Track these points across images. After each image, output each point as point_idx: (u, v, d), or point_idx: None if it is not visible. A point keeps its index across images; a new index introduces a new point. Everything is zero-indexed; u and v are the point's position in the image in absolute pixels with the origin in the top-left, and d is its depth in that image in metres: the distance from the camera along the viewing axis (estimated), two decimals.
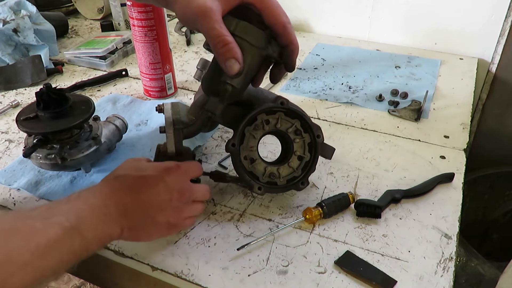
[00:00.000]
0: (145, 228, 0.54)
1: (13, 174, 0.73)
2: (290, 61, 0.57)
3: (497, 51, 1.09)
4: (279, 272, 0.56)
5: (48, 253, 0.43)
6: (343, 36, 1.25)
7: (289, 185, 0.63)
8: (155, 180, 0.54)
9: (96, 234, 0.48)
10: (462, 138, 0.82)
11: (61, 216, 0.46)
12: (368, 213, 0.63)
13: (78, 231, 0.46)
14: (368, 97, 0.95)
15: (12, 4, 1.10)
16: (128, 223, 0.52)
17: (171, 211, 0.55)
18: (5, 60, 1.04)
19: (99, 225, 0.49)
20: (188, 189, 0.57)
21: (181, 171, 0.57)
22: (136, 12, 0.83)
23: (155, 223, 0.54)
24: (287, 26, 0.54)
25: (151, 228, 0.55)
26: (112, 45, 1.09)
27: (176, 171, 0.56)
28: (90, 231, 0.47)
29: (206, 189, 0.60)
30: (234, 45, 0.50)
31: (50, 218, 0.46)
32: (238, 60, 0.50)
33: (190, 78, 1.03)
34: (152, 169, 0.56)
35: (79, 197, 0.50)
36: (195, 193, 0.58)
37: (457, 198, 0.68)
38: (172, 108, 0.65)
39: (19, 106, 0.93)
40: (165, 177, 0.54)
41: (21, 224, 0.44)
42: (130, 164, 0.58)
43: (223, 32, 0.50)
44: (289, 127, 0.63)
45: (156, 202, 0.53)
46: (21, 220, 0.45)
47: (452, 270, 0.56)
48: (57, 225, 0.45)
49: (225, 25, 0.50)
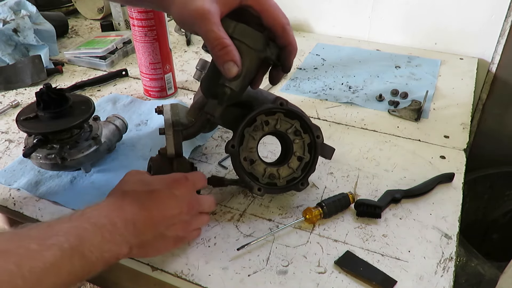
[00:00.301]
0: (154, 244, 0.53)
1: (13, 174, 0.73)
2: (287, 62, 0.57)
3: (497, 51, 1.09)
4: (279, 272, 0.56)
5: (44, 277, 0.41)
6: (343, 36, 1.25)
7: (289, 186, 0.63)
8: (165, 195, 0.53)
9: (100, 255, 0.46)
10: (462, 138, 0.82)
11: (60, 237, 0.43)
12: (368, 213, 0.63)
13: (79, 252, 0.44)
14: (368, 97, 0.95)
15: (12, 4, 1.10)
16: (137, 241, 0.50)
17: (179, 225, 0.54)
18: (5, 60, 1.04)
19: (104, 244, 0.46)
20: (196, 201, 0.56)
21: (189, 184, 0.56)
22: (136, 12, 0.83)
23: (165, 238, 0.53)
24: (286, 27, 0.54)
25: (160, 244, 0.54)
26: (112, 45, 1.09)
27: (185, 184, 0.55)
28: (93, 252, 0.45)
29: (212, 200, 0.60)
30: (233, 47, 0.50)
31: (48, 239, 0.43)
32: (236, 63, 0.50)
33: (190, 78, 1.03)
34: (160, 182, 0.55)
35: (82, 215, 0.48)
36: (202, 205, 0.57)
37: (457, 198, 0.68)
38: (171, 110, 0.65)
39: (19, 106, 0.93)
40: (174, 191, 0.54)
41: (15, 246, 0.41)
42: (135, 177, 0.56)
43: (221, 35, 0.49)
44: (288, 128, 0.63)
45: (167, 217, 0.52)
46: (16, 242, 0.42)
47: (452, 270, 0.56)
48: (55, 246, 0.42)
49: (223, 27, 0.50)
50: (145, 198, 0.52)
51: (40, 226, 0.46)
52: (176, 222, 0.53)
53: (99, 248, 0.46)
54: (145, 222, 0.51)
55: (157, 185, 0.54)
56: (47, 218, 0.64)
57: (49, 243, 0.42)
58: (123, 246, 0.48)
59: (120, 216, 0.49)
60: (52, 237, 0.43)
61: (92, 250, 0.45)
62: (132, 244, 0.49)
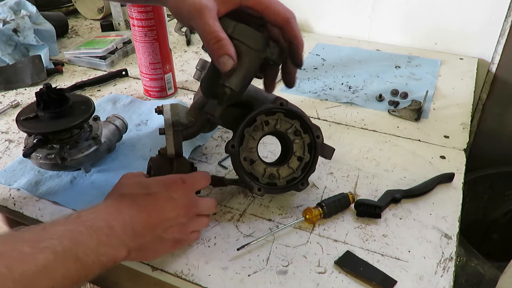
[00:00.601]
0: (152, 247, 0.53)
1: (13, 174, 0.73)
2: (297, 56, 0.56)
3: (497, 51, 1.09)
4: (279, 272, 0.56)
5: (36, 280, 0.40)
6: (343, 36, 1.25)
7: (289, 186, 0.63)
8: (162, 198, 0.53)
9: (97, 258, 0.45)
10: (462, 138, 0.82)
11: (54, 240, 0.43)
12: (368, 213, 0.63)
13: (74, 255, 0.43)
14: (368, 97, 0.95)
15: (12, 4, 1.10)
16: (136, 244, 0.50)
17: (177, 227, 0.54)
18: (5, 60, 1.04)
19: (101, 248, 0.46)
20: (194, 203, 0.56)
21: (187, 186, 0.56)
22: (136, 12, 0.83)
23: (162, 241, 0.53)
24: (291, 21, 0.53)
25: (158, 247, 0.54)
26: (112, 45, 1.09)
27: (182, 186, 0.55)
28: (89, 255, 0.44)
29: (211, 203, 0.59)
30: (227, 41, 0.49)
31: (42, 242, 0.42)
32: (231, 57, 0.49)
33: (190, 78, 1.03)
34: (157, 185, 0.55)
35: (78, 218, 0.47)
36: (200, 207, 0.57)
37: (457, 198, 0.68)
38: (171, 110, 0.65)
39: (19, 106, 0.93)
40: (172, 194, 0.54)
41: (8, 249, 0.41)
42: (131, 180, 0.56)
43: (216, 29, 0.49)
44: (288, 128, 0.63)
45: (164, 220, 0.52)
46: (9, 244, 0.41)
47: (452, 270, 0.56)
48: (48, 249, 0.42)
49: (223, 27, 0.50)
50: (142, 201, 0.52)
51: (34, 229, 0.45)
52: (173, 224, 0.53)
53: (95, 251, 0.45)
54: (143, 225, 0.50)
55: (154, 187, 0.54)
56: (47, 218, 0.64)
57: (42, 246, 0.42)
58: (121, 249, 0.48)
59: (118, 219, 0.49)
60: (45, 240, 0.43)
61: (88, 253, 0.44)
62: (130, 247, 0.49)
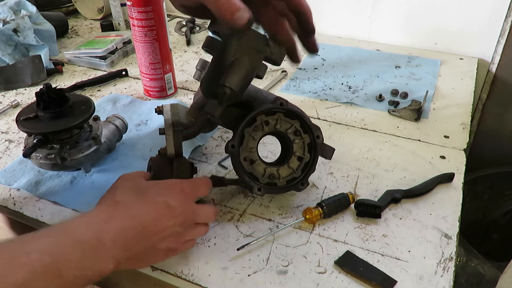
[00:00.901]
0: (144, 258, 0.52)
1: (13, 174, 0.73)
2: (307, 23, 0.52)
3: (497, 51, 1.09)
4: (279, 272, 0.56)
5: None
6: (343, 36, 1.25)
7: (289, 186, 0.63)
8: (160, 206, 0.51)
9: (81, 272, 0.43)
10: (462, 138, 0.82)
11: (33, 254, 0.41)
12: (368, 213, 0.63)
13: (55, 271, 0.41)
14: (368, 97, 0.95)
15: (12, 4, 1.10)
16: (127, 254, 0.48)
17: (172, 237, 0.52)
18: (5, 60, 1.04)
19: (85, 262, 0.44)
20: (192, 212, 0.54)
21: (186, 194, 0.54)
22: (136, 12, 0.83)
23: (155, 251, 0.52)
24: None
25: (150, 257, 0.52)
26: (112, 45, 1.09)
27: (180, 194, 0.53)
28: (71, 270, 0.42)
29: (210, 211, 0.57)
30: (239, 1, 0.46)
31: (20, 258, 0.40)
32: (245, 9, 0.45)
33: (190, 78, 1.03)
34: (155, 191, 0.53)
35: (63, 229, 0.45)
36: (199, 216, 0.55)
37: (457, 198, 0.68)
38: (171, 110, 0.65)
39: (19, 106, 0.93)
40: (169, 202, 0.51)
41: None
42: (128, 183, 0.54)
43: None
44: (288, 128, 0.63)
45: (159, 229, 0.50)
46: None
47: (452, 270, 0.56)
48: (27, 266, 0.40)
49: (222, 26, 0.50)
50: (137, 210, 0.50)
51: (12, 244, 0.43)
52: (169, 234, 0.51)
53: (79, 266, 0.43)
54: (136, 238, 0.49)
55: (151, 193, 0.52)
56: (47, 218, 0.64)
57: (20, 262, 0.40)
58: (108, 261, 0.46)
59: (108, 230, 0.47)
60: (23, 255, 0.41)
61: (71, 268, 0.43)
62: (119, 258, 0.47)
